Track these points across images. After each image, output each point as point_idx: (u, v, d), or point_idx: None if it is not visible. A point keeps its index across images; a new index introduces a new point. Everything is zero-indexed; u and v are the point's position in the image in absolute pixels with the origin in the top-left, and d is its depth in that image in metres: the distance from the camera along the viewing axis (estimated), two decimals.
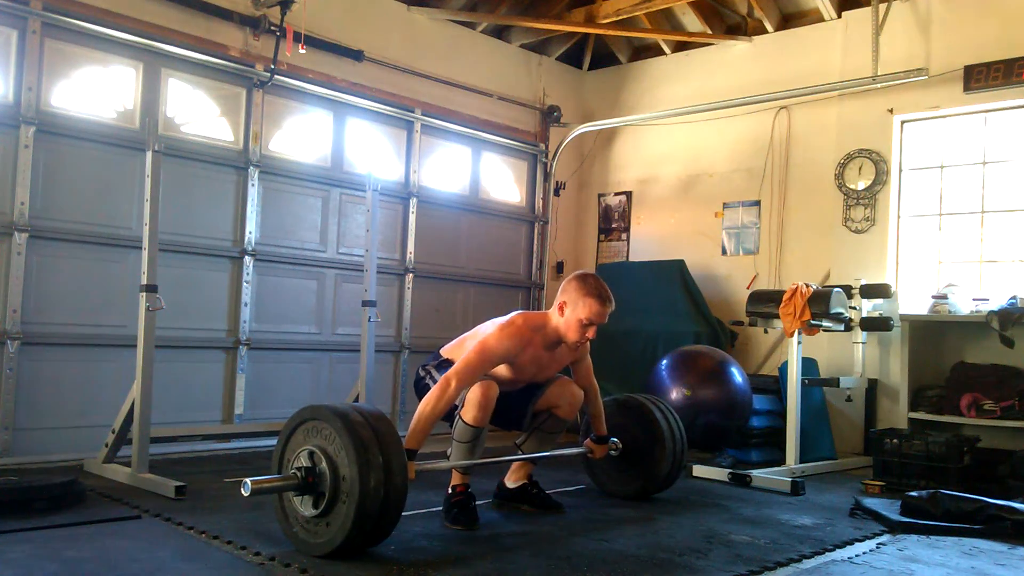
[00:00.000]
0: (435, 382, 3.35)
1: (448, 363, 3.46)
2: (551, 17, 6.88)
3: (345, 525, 2.69)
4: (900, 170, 5.82)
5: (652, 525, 3.53)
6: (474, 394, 3.35)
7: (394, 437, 2.80)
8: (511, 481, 3.75)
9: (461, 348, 3.50)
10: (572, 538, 3.24)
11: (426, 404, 3.20)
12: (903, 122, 5.81)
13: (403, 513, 3.52)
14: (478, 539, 3.17)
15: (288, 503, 2.90)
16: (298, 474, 2.80)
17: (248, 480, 2.72)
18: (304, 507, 2.82)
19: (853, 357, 5.58)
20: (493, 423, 3.50)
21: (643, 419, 3.97)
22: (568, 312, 3.40)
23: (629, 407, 4.04)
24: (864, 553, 3.23)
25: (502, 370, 3.46)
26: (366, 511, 2.68)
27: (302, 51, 5.37)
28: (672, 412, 4.04)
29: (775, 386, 5.65)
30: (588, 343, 3.57)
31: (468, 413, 3.36)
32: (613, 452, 3.90)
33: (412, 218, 6.34)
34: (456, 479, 3.48)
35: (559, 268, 7.36)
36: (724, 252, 6.68)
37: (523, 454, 3.71)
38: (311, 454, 2.80)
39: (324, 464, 2.76)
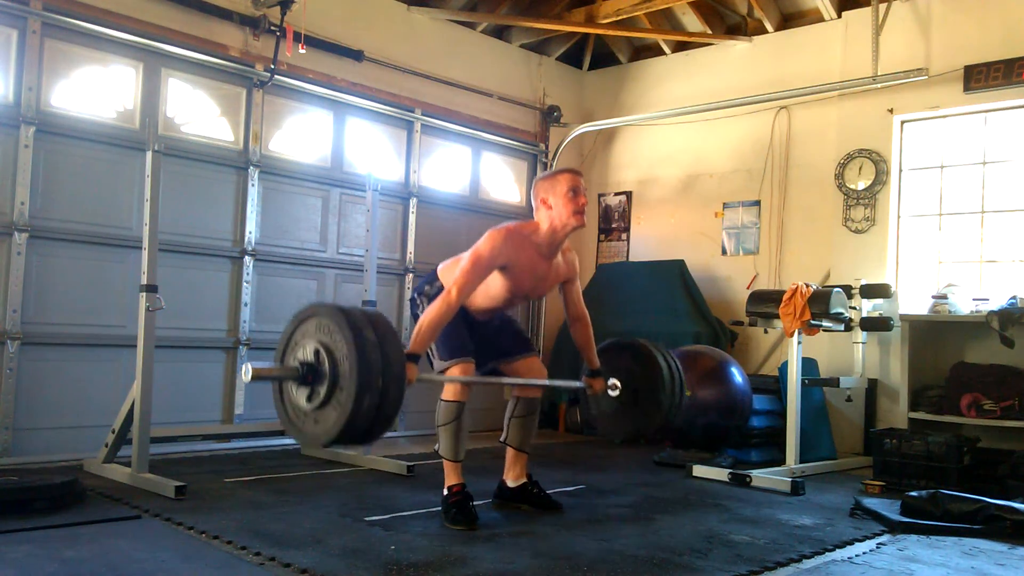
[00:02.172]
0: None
1: (439, 290, 3.45)
2: (551, 17, 6.88)
3: (345, 410, 2.63)
4: (900, 170, 5.82)
5: (652, 525, 3.53)
6: (451, 374, 3.43)
7: (392, 330, 2.78)
8: (511, 479, 3.75)
9: (457, 265, 3.48)
10: (572, 538, 3.24)
11: (428, 313, 3.20)
12: (903, 122, 5.81)
13: (403, 513, 3.55)
14: (478, 539, 3.17)
15: (289, 400, 2.85)
16: (299, 366, 2.76)
17: (249, 365, 2.69)
18: (305, 400, 2.77)
19: (853, 357, 5.58)
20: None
21: (644, 362, 3.91)
22: (552, 200, 3.43)
23: (631, 349, 3.97)
24: (864, 553, 3.23)
25: (500, 284, 3.44)
26: (365, 396, 2.63)
27: (302, 51, 5.37)
28: (674, 359, 3.97)
29: (775, 386, 5.65)
30: (577, 272, 3.69)
31: (447, 392, 3.45)
32: (612, 393, 3.88)
33: (412, 218, 6.34)
34: (452, 479, 3.49)
35: None
36: (724, 252, 6.68)
37: (509, 447, 3.72)
38: (311, 348, 2.75)
39: (324, 355, 2.71)
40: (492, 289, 3.46)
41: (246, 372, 2.69)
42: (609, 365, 3.91)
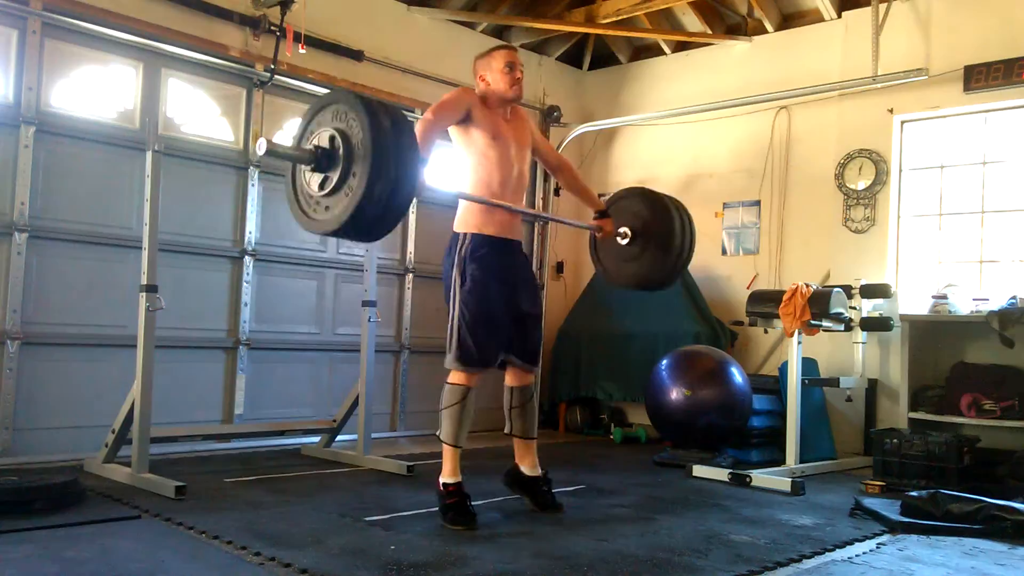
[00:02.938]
0: None
1: (468, 247, 3.52)
2: (551, 17, 6.88)
3: (358, 191, 2.60)
4: (900, 170, 5.82)
5: (652, 525, 3.53)
6: (457, 379, 3.48)
7: (408, 122, 2.76)
8: (527, 467, 3.72)
9: (464, 212, 3.61)
10: (572, 538, 3.24)
11: (416, 126, 3.25)
12: (903, 122, 5.81)
13: (403, 513, 3.55)
14: (478, 539, 3.17)
15: (301, 188, 2.83)
16: (314, 150, 2.73)
17: (263, 139, 2.65)
18: (319, 184, 2.74)
19: (853, 357, 5.58)
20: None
21: (656, 210, 3.93)
22: (489, 76, 3.60)
23: (646, 198, 4.00)
24: (864, 553, 3.23)
25: (487, 148, 3.52)
26: (379, 177, 2.60)
27: (302, 51, 5.37)
28: (686, 212, 4.00)
29: (775, 386, 5.65)
30: (541, 138, 3.86)
31: (454, 376, 3.46)
32: (622, 240, 3.89)
33: (412, 218, 6.34)
34: (449, 471, 3.47)
35: (559, 268, 7.36)
36: (724, 252, 6.68)
37: (515, 438, 3.72)
38: (328, 135, 2.72)
39: (339, 141, 2.68)
40: (486, 149, 3.52)
41: (260, 145, 2.64)
42: (619, 213, 3.96)
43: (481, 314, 3.44)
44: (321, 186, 2.71)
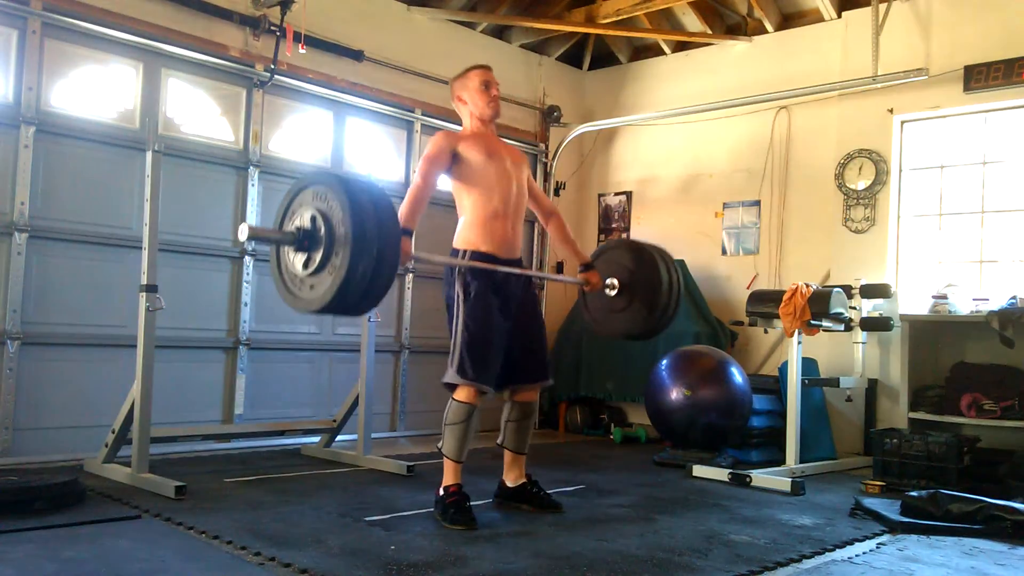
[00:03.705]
0: None
1: (468, 269, 3.56)
2: (551, 17, 6.88)
3: (341, 271, 2.64)
4: (900, 170, 5.82)
5: (652, 525, 3.53)
6: (461, 395, 3.46)
7: (385, 195, 2.81)
8: (510, 480, 3.75)
9: (465, 229, 3.64)
10: (572, 538, 3.24)
11: (405, 199, 3.41)
12: (903, 122, 5.81)
13: (403, 513, 3.55)
14: (478, 539, 3.17)
15: (285, 268, 2.87)
16: (296, 231, 2.78)
17: (245, 224, 2.71)
18: (301, 265, 2.79)
19: (853, 357, 5.58)
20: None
21: (645, 264, 3.95)
22: (466, 95, 3.69)
23: (633, 250, 4.02)
24: (864, 553, 3.23)
25: (483, 177, 3.53)
26: (362, 256, 2.64)
27: (302, 51, 5.37)
28: (674, 266, 4.02)
29: (775, 386, 5.65)
30: (534, 181, 3.87)
31: (461, 394, 3.45)
32: (610, 292, 3.92)
33: None
34: (449, 478, 3.48)
35: (559, 268, 7.36)
36: (724, 252, 6.68)
37: (507, 450, 3.74)
38: (309, 215, 2.77)
39: (320, 221, 2.73)
40: (482, 177, 3.53)
41: (242, 230, 2.69)
42: (608, 265, 3.97)
43: (485, 327, 3.45)
44: (305, 265, 2.76)
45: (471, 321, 3.44)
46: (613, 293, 3.92)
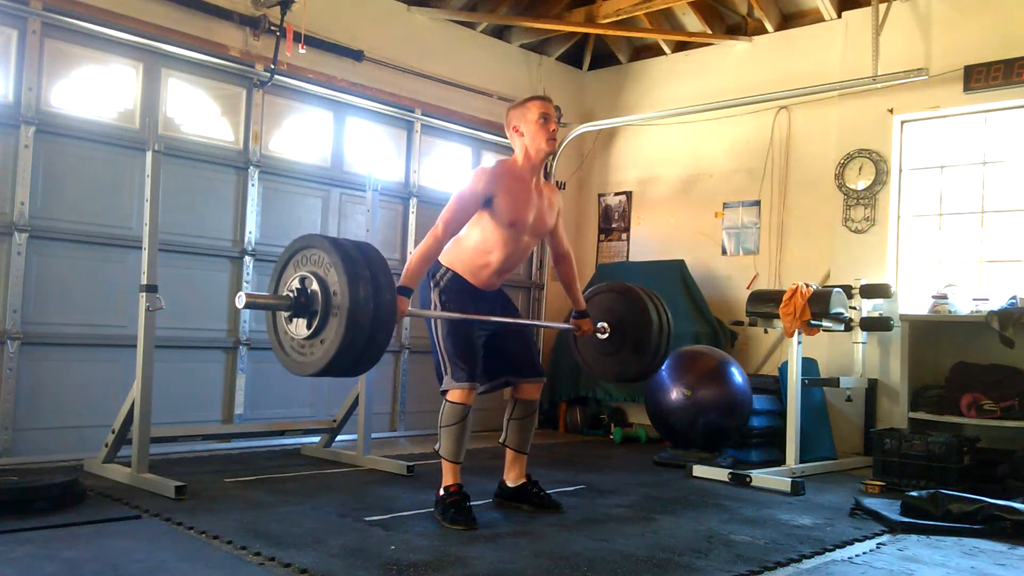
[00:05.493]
0: None
1: (446, 275, 3.53)
2: (551, 17, 6.88)
3: (337, 337, 2.67)
4: (900, 170, 5.82)
5: (652, 525, 3.53)
6: (455, 396, 3.46)
7: (381, 258, 2.83)
8: (511, 480, 3.76)
9: (455, 245, 3.56)
10: (572, 538, 3.24)
11: (417, 249, 3.30)
12: (903, 122, 5.81)
13: (403, 513, 3.55)
14: (478, 539, 3.17)
15: (283, 331, 2.89)
16: (291, 295, 2.80)
17: (242, 293, 2.73)
18: (298, 329, 2.82)
19: (853, 357, 5.58)
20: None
21: (634, 307, 3.95)
22: (523, 127, 3.54)
23: (623, 294, 4.03)
24: (864, 553, 3.23)
25: (500, 221, 3.45)
26: (357, 321, 2.67)
27: (302, 51, 5.37)
28: (664, 307, 4.03)
29: (775, 386, 5.65)
30: (561, 221, 3.78)
31: (454, 395, 3.45)
32: (601, 336, 3.94)
33: (412, 218, 6.34)
34: (449, 479, 3.48)
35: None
36: (724, 252, 6.68)
37: (508, 448, 3.74)
38: (303, 278, 2.80)
39: (315, 285, 2.75)
40: (498, 231, 3.47)
41: (239, 300, 2.71)
42: (599, 308, 3.98)
43: (464, 324, 3.46)
44: (301, 328, 2.78)
45: (449, 323, 3.46)
46: (604, 336, 3.95)
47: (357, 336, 2.69)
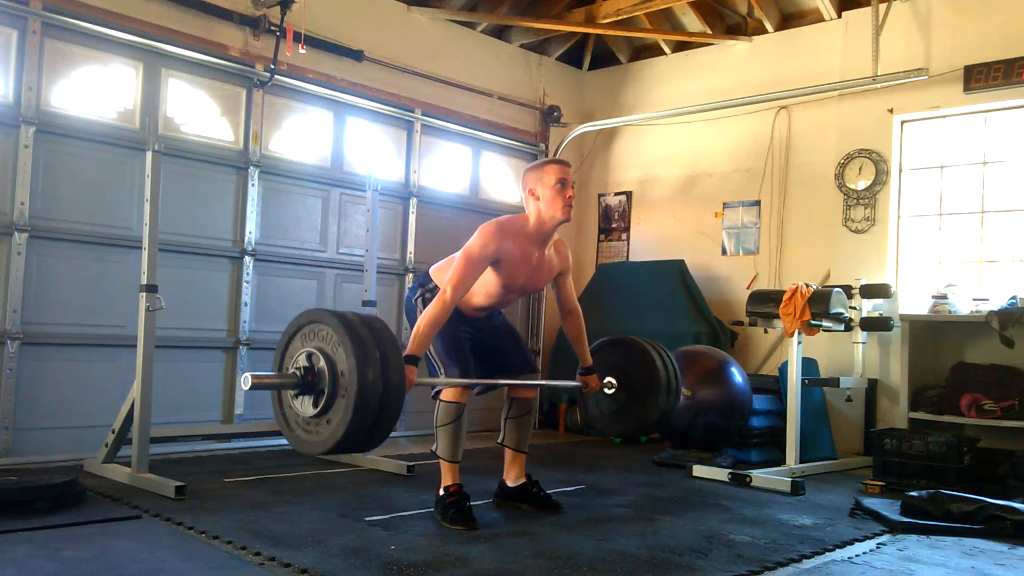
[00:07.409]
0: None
1: (436, 289, 3.48)
2: (551, 17, 6.88)
3: (345, 418, 2.64)
4: (900, 170, 5.82)
5: (652, 525, 3.53)
6: (449, 389, 3.46)
7: (390, 335, 2.78)
8: (510, 480, 3.76)
9: (449, 266, 3.49)
10: (572, 538, 3.24)
11: (425, 315, 3.24)
12: (903, 122, 5.81)
13: (403, 513, 3.55)
14: (478, 539, 3.17)
15: (288, 407, 2.86)
16: (297, 373, 2.76)
17: (248, 374, 2.69)
18: (304, 407, 2.78)
19: (853, 357, 5.58)
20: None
21: (640, 361, 3.91)
22: (540, 191, 3.42)
23: (627, 348, 3.99)
24: (864, 553, 3.23)
25: (495, 279, 3.44)
26: (365, 403, 2.64)
27: (302, 51, 5.37)
28: (671, 358, 3.98)
29: (775, 386, 5.65)
30: (570, 265, 3.70)
31: (447, 394, 3.45)
32: (608, 391, 3.92)
33: (412, 218, 6.34)
34: (448, 479, 3.48)
35: None
36: (724, 252, 6.68)
37: (507, 448, 3.74)
38: (309, 355, 2.76)
39: (323, 363, 2.71)
40: (489, 285, 3.47)
41: (245, 381, 2.68)
42: (605, 363, 3.93)
43: (451, 330, 3.46)
44: (308, 407, 2.75)
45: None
46: (611, 392, 3.92)
47: (365, 418, 2.65)
